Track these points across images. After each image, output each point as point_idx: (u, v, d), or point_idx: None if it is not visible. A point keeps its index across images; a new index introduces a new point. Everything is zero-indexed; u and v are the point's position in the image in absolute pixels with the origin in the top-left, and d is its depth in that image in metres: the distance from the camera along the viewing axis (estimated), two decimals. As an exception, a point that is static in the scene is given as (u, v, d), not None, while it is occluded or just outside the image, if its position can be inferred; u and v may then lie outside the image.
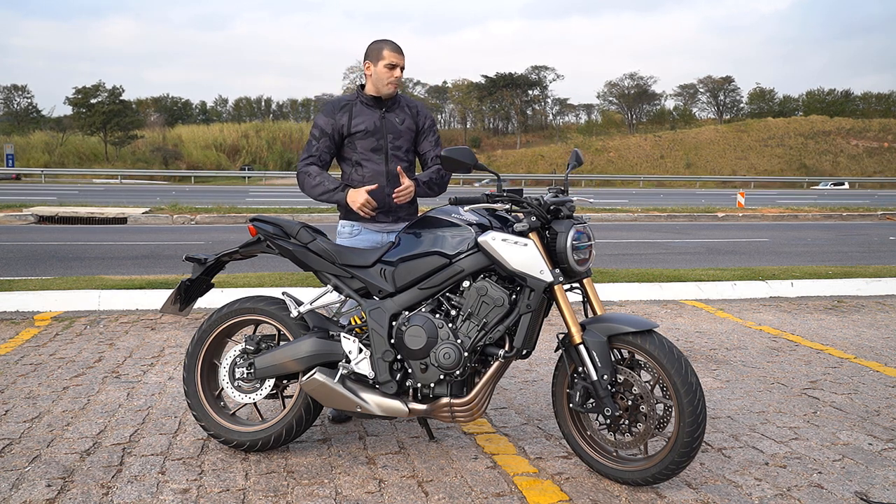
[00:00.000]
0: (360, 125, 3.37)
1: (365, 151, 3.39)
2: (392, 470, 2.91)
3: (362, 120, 3.38)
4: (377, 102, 3.41)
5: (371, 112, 3.40)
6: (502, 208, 2.84)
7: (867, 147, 67.77)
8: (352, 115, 3.39)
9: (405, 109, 3.49)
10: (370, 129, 3.38)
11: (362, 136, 3.38)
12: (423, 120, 3.53)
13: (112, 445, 3.10)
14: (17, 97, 76.45)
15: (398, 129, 3.43)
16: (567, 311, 2.75)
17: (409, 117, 3.48)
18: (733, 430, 3.39)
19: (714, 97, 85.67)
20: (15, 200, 19.85)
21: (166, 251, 10.61)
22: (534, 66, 77.63)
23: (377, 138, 3.39)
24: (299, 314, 3.05)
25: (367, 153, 3.39)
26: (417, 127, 3.51)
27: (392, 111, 3.44)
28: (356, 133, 3.38)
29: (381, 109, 3.42)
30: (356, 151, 3.40)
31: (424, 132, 3.53)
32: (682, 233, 15.11)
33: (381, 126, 3.40)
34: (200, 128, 74.22)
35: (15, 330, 5.15)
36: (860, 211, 21.64)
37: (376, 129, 3.39)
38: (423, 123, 3.52)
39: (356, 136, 3.39)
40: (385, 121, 3.41)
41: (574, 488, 2.76)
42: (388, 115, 3.42)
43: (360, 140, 3.39)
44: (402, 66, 3.39)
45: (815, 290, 7.16)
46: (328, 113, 3.41)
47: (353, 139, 3.39)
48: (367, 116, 3.39)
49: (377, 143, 3.39)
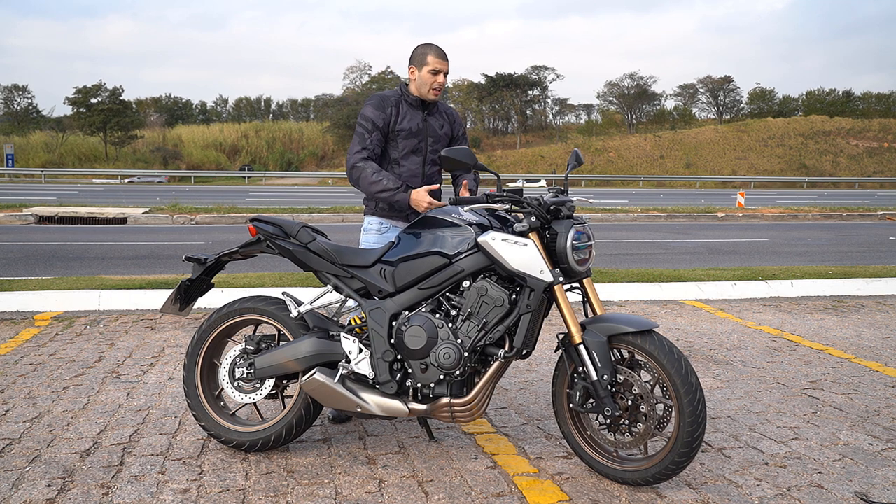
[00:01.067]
0: (405, 124, 3.42)
1: (406, 151, 3.45)
2: (392, 470, 2.91)
3: (408, 120, 3.43)
4: (421, 104, 3.48)
5: (415, 113, 3.46)
6: (502, 208, 2.84)
7: (867, 147, 67.75)
8: (399, 113, 3.43)
9: (443, 115, 3.58)
10: (414, 129, 3.44)
11: (406, 136, 3.44)
12: (458, 128, 3.64)
13: (112, 445, 3.10)
14: (17, 97, 76.48)
15: (438, 134, 3.51)
16: (567, 311, 2.75)
17: (447, 123, 3.57)
18: (733, 430, 3.39)
19: (714, 97, 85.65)
20: (15, 200, 19.84)
21: (166, 251, 10.61)
22: (534, 66, 77.62)
23: (419, 140, 3.46)
24: (299, 314, 3.05)
25: (408, 153, 3.46)
26: (453, 134, 3.60)
27: (433, 115, 3.52)
28: (400, 132, 3.43)
29: (424, 112, 3.48)
30: (397, 150, 3.46)
31: (458, 139, 3.63)
32: (682, 233, 15.11)
33: (424, 128, 3.47)
34: (200, 128, 74.17)
35: (15, 330, 5.15)
36: (860, 211, 21.63)
37: (419, 131, 3.46)
38: (457, 131, 3.63)
39: (400, 135, 3.44)
40: (427, 124, 3.48)
41: (574, 488, 2.76)
42: (430, 119, 3.50)
43: (403, 139, 3.44)
44: (446, 71, 3.42)
45: (815, 290, 7.16)
46: (378, 106, 3.41)
47: (397, 137, 3.44)
48: (411, 117, 3.45)
49: (418, 145, 3.46)
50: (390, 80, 72.81)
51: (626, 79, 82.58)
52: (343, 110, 66.65)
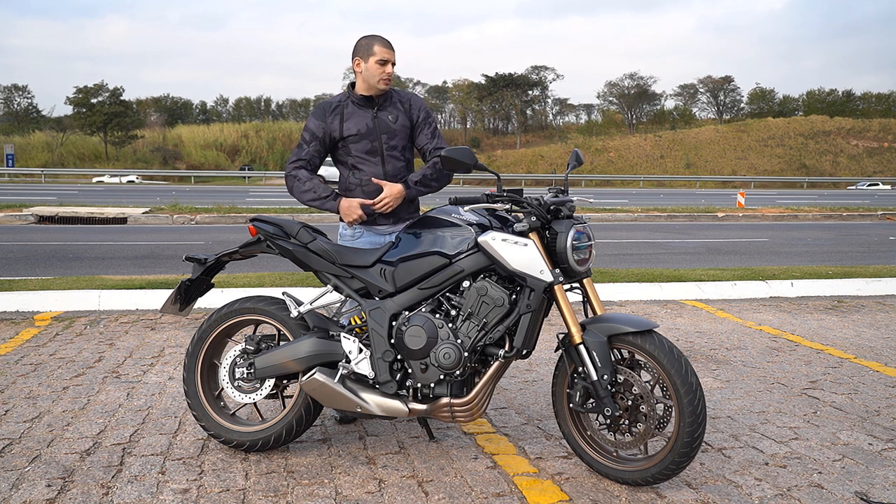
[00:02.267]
0: (352, 128, 3.29)
1: (360, 154, 3.32)
2: (392, 470, 2.91)
3: (354, 122, 3.30)
4: (368, 102, 3.32)
5: (363, 113, 3.32)
6: (502, 208, 2.84)
7: (867, 147, 67.75)
8: (343, 118, 3.31)
9: (398, 105, 3.37)
10: (362, 130, 3.30)
11: (355, 140, 3.30)
12: (417, 113, 3.40)
13: (112, 445, 3.10)
14: (17, 97, 76.49)
15: (392, 129, 3.33)
16: (567, 311, 2.75)
17: (402, 113, 3.37)
18: (733, 430, 3.39)
19: (714, 97, 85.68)
20: (15, 200, 19.85)
21: (166, 251, 10.61)
22: (534, 66, 77.69)
23: (371, 140, 3.31)
24: (299, 314, 3.05)
25: (363, 156, 3.32)
26: (412, 122, 3.40)
27: (384, 109, 3.34)
28: (348, 137, 3.30)
29: (374, 109, 3.33)
30: (351, 155, 3.33)
31: (419, 125, 3.40)
32: (682, 233, 15.11)
33: (374, 127, 3.31)
34: (200, 128, 74.21)
35: (15, 330, 5.15)
36: (860, 211, 21.64)
37: (369, 131, 3.30)
38: (416, 117, 3.39)
39: (349, 140, 3.31)
40: (378, 120, 3.32)
41: (574, 488, 2.76)
42: (381, 115, 3.33)
43: (354, 143, 3.31)
44: (393, 61, 3.29)
45: (815, 290, 7.16)
46: (319, 116, 3.33)
47: (347, 143, 3.32)
48: (358, 118, 3.30)
49: (371, 146, 3.31)
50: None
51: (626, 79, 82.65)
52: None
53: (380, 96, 3.34)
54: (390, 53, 3.28)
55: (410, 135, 3.40)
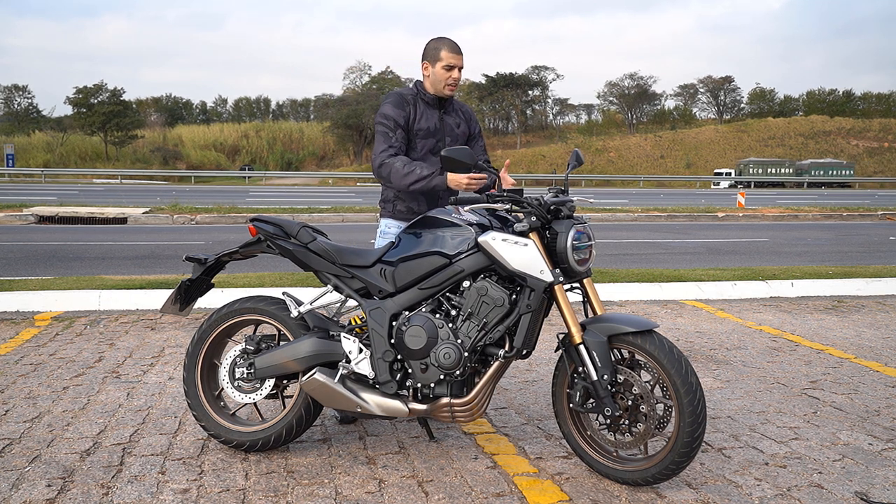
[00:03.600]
0: (423, 124, 3.37)
1: (424, 151, 3.39)
2: (392, 470, 2.91)
3: (425, 119, 3.37)
4: (437, 102, 3.42)
5: (431, 112, 3.40)
6: (502, 208, 2.84)
7: (867, 147, 67.73)
8: (416, 112, 3.38)
9: (459, 113, 3.51)
10: (431, 129, 3.38)
11: (424, 136, 3.38)
12: (475, 126, 3.58)
13: (112, 445, 3.10)
14: (17, 97, 76.49)
15: (455, 133, 3.45)
16: (567, 311, 2.74)
17: (464, 122, 3.51)
18: (733, 430, 3.39)
19: (714, 97, 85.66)
20: (15, 200, 19.84)
21: (166, 251, 10.61)
22: (534, 66, 77.66)
23: (437, 139, 3.40)
24: (299, 314, 3.04)
25: (426, 153, 3.39)
26: (470, 132, 3.54)
27: (448, 113, 3.46)
28: (419, 131, 3.37)
29: (440, 111, 3.43)
30: (415, 150, 3.39)
31: (475, 137, 3.58)
32: (682, 233, 15.11)
33: (441, 128, 3.41)
34: (200, 128, 74.23)
35: (15, 330, 5.15)
36: (860, 211, 21.64)
37: (436, 130, 3.40)
38: (474, 129, 3.59)
39: (418, 135, 3.38)
40: (444, 123, 3.43)
41: (574, 488, 2.76)
42: (446, 118, 3.44)
43: (421, 139, 3.38)
44: (461, 66, 3.35)
45: (815, 290, 7.16)
46: (398, 104, 3.36)
47: (415, 137, 3.38)
48: (428, 116, 3.39)
49: (436, 145, 3.40)
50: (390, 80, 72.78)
51: (626, 79, 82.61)
52: (343, 110, 66.64)
53: (445, 100, 3.43)
54: (458, 59, 3.33)
55: (466, 143, 3.51)
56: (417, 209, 3.40)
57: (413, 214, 3.39)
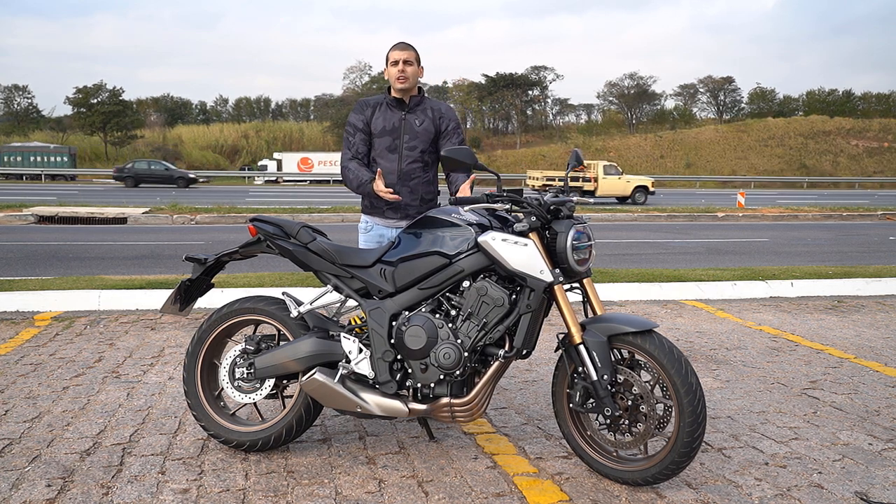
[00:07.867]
0: (380, 124, 3.58)
1: (381, 150, 3.59)
2: (392, 470, 2.91)
3: (383, 120, 3.58)
4: (400, 104, 3.59)
5: (393, 113, 3.59)
6: (502, 208, 2.84)
7: (867, 147, 67.72)
8: (375, 115, 3.59)
9: (427, 112, 3.63)
10: (388, 128, 3.57)
11: (380, 135, 3.59)
12: (447, 122, 3.65)
13: (112, 445, 3.10)
14: (17, 97, 76.44)
15: (415, 131, 3.58)
16: (567, 311, 2.74)
17: (430, 120, 3.62)
18: (733, 430, 3.39)
19: (714, 97, 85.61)
20: (15, 200, 19.84)
21: (166, 251, 10.61)
22: (534, 66, 77.62)
23: (393, 138, 3.57)
24: (299, 314, 3.04)
25: (383, 151, 3.59)
26: (438, 129, 3.63)
27: (413, 112, 3.60)
28: (376, 131, 3.58)
29: (403, 111, 3.58)
30: (374, 149, 3.61)
31: (447, 134, 3.65)
32: (682, 233, 15.11)
33: (400, 126, 3.57)
34: (200, 128, 74.15)
35: (15, 330, 5.15)
36: (860, 211, 21.64)
37: (393, 129, 3.57)
38: (445, 126, 3.67)
39: (375, 135, 3.59)
40: (405, 122, 3.58)
41: (574, 488, 2.76)
42: (409, 117, 3.59)
43: (378, 138, 3.60)
44: (406, 59, 3.53)
45: (815, 290, 7.16)
46: (358, 110, 3.64)
47: (374, 137, 3.59)
48: (388, 117, 3.59)
49: (392, 143, 3.57)
50: (390, 80, 72.67)
51: (626, 79, 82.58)
52: (343, 110, 66.70)
53: (412, 101, 3.60)
54: (401, 54, 3.54)
55: (434, 140, 3.63)
56: (376, 203, 3.60)
57: (374, 209, 3.64)
